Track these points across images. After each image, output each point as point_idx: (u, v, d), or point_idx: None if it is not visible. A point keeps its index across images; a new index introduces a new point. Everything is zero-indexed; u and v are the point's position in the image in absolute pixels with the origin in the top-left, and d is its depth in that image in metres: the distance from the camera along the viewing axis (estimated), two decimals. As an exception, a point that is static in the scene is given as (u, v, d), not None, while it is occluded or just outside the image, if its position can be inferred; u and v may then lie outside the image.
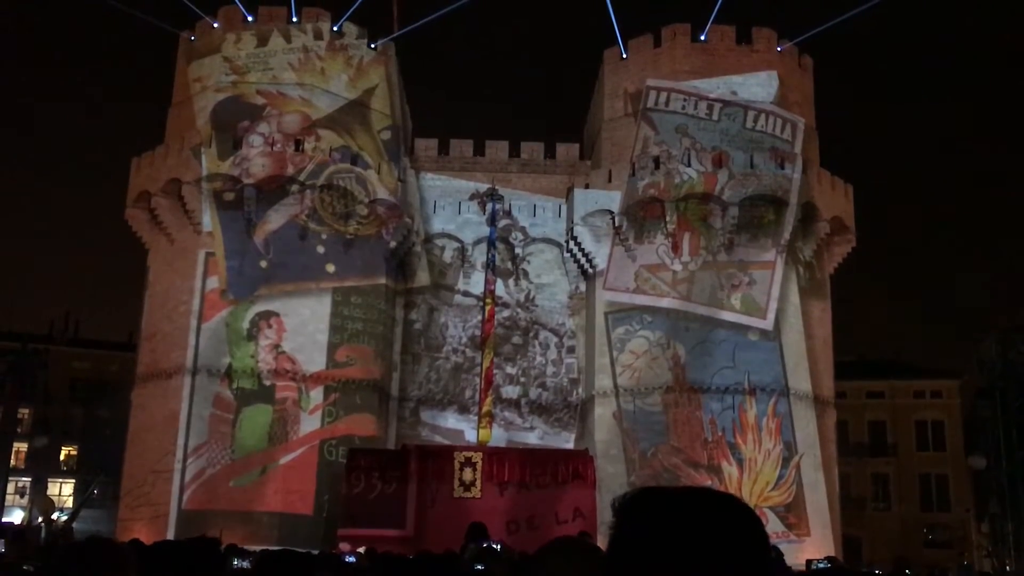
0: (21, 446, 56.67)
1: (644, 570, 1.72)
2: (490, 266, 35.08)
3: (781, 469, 33.12)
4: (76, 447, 58.06)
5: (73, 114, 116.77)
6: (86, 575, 3.24)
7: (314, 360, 33.50)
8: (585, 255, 36.52)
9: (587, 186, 36.40)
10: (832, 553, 32.48)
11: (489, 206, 37.01)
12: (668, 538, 1.72)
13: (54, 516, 44.27)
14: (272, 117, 34.66)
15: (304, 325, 33.68)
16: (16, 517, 50.59)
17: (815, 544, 32.23)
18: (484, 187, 38.17)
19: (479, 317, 35.77)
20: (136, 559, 3.60)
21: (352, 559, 14.97)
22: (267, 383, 32.88)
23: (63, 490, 57.77)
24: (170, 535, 29.34)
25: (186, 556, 4.80)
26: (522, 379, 36.98)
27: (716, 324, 34.10)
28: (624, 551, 1.76)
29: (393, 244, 36.19)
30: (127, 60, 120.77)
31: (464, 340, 37.24)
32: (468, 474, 28.52)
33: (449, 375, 37.01)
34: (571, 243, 36.90)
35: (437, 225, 37.72)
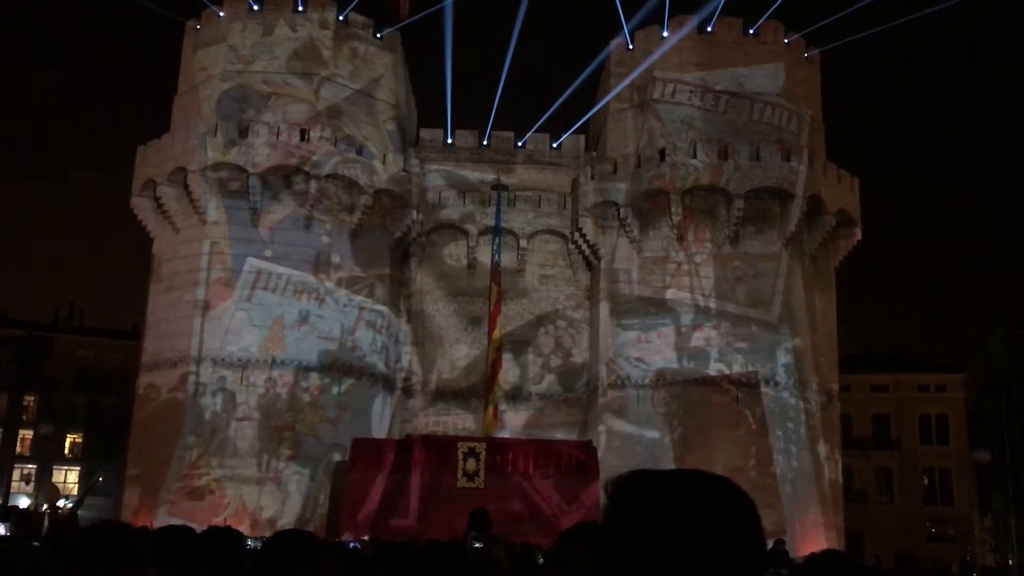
0: (27, 433, 56.97)
1: (637, 552, 1.73)
2: (495, 257, 35.06)
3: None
4: (81, 435, 58.31)
5: (79, 101, 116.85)
6: (102, 558, 3.26)
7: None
8: (590, 247, 36.48)
9: (592, 177, 36.33)
10: (833, 546, 32.53)
11: (494, 197, 36.97)
12: (661, 520, 1.73)
13: (59, 503, 44.48)
14: (277, 107, 34.63)
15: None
16: (22, 504, 50.82)
17: (816, 537, 32.28)
18: (489, 178, 38.11)
19: (484, 308, 35.75)
20: (149, 543, 3.62)
21: (355, 546, 15.02)
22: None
23: (68, 477, 58.02)
24: (172, 522, 29.42)
25: (203, 545, 4.82)
26: (526, 370, 36.97)
27: (720, 316, 34.05)
28: (617, 532, 1.78)
29: (398, 235, 36.21)
30: (134, 48, 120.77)
31: (464, 331, 37.22)
32: (471, 465, 28.56)
33: (453, 366, 37.02)
34: (576, 235, 36.85)
35: (442, 216, 37.66)
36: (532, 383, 36.84)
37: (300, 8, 35.83)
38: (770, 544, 24.32)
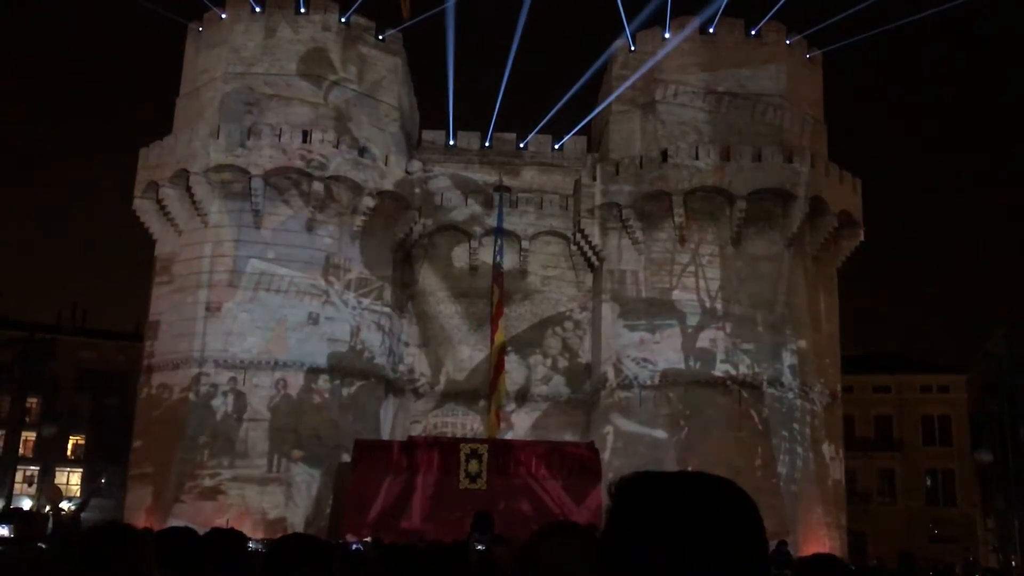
0: (29, 435, 56.98)
1: (641, 552, 1.74)
2: (497, 259, 35.06)
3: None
4: (84, 436, 58.33)
5: (82, 103, 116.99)
6: (106, 559, 3.27)
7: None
8: (592, 248, 36.47)
9: (594, 179, 36.32)
10: (836, 546, 32.52)
11: (496, 198, 36.99)
12: (664, 520, 1.75)
13: (62, 505, 44.49)
14: (280, 108, 34.65)
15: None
16: (25, 506, 50.86)
17: (819, 538, 32.29)
18: (491, 179, 38.14)
19: (487, 310, 35.77)
20: (152, 545, 3.64)
21: (358, 547, 15.04)
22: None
23: (71, 479, 58.05)
24: (176, 524, 29.36)
25: (207, 546, 4.83)
26: (534, 372, 36.99)
27: (725, 317, 34.03)
28: (621, 533, 1.79)
29: (400, 236, 36.22)
30: (135, 49, 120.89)
31: (469, 333, 37.23)
32: (474, 466, 28.57)
33: (460, 367, 37.03)
34: (578, 236, 36.84)
35: (443, 217, 37.68)
36: (539, 384, 36.87)
37: (302, 10, 35.86)
38: (773, 545, 24.33)
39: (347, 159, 34.23)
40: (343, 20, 36.20)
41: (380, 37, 37.09)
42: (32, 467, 57.40)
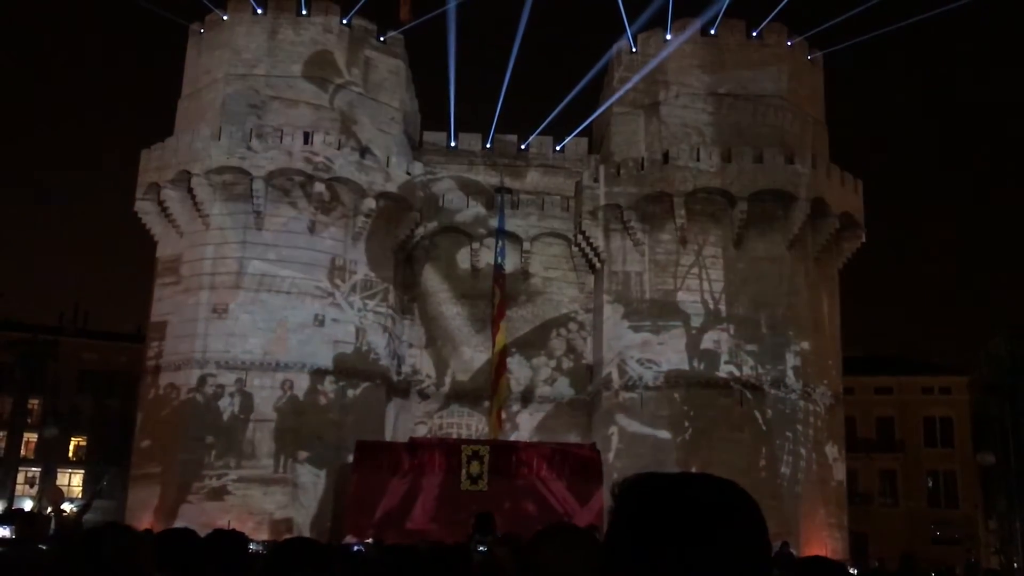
0: (31, 436, 57.06)
1: (644, 553, 1.74)
2: (499, 260, 35.06)
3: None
4: (85, 438, 58.32)
5: (83, 104, 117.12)
6: (104, 559, 3.28)
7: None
8: (593, 249, 36.47)
9: (596, 180, 36.32)
10: (838, 547, 32.51)
11: (497, 200, 36.99)
12: (667, 522, 1.74)
13: (64, 507, 44.48)
14: (282, 110, 34.65)
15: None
16: (26, 507, 50.89)
17: (822, 539, 32.28)
18: (493, 181, 38.13)
19: (488, 311, 35.77)
20: (152, 546, 3.64)
21: (359, 548, 15.03)
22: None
23: (72, 480, 58.04)
24: (182, 524, 29.32)
25: (207, 547, 4.83)
26: (538, 373, 36.98)
27: (729, 319, 34.02)
28: (623, 535, 1.78)
29: (402, 238, 36.22)
30: (137, 51, 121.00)
31: (473, 334, 37.23)
32: (475, 467, 28.54)
33: (465, 368, 37.02)
34: (579, 237, 36.84)
35: (445, 219, 37.69)
36: (544, 385, 36.88)
37: (304, 12, 35.87)
38: (776, 547, 24.26)
39: (350, 161, 34.23)
40: (344, 22, 36.21)
41: (381, 39, 37.08)
42: (33, 468, 57.42)
